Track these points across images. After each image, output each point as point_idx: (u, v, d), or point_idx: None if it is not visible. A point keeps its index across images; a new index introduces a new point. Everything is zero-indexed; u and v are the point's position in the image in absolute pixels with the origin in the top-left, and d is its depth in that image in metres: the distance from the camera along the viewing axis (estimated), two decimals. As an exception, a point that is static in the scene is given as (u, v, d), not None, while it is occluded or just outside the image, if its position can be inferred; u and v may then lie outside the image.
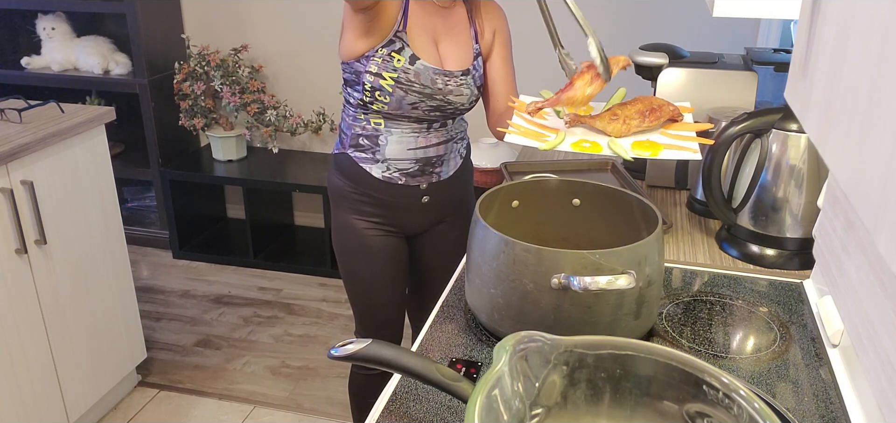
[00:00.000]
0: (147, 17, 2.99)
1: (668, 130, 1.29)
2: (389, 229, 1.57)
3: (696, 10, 2.65)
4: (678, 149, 1.21)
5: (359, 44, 1.40)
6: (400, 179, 1.51)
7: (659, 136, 1.27)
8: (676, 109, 1.31)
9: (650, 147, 1.22)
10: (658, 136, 1.27)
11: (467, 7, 1.51)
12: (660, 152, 1.21)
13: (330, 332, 2.77)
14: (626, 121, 1.25)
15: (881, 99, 0.43)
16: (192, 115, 3.12)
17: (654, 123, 1.27)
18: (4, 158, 1.77)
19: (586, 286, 0.89)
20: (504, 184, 1.16)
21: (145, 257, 3.36)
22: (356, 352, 0.79)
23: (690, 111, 1.35)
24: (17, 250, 1.83)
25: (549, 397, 0.74)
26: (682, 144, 1.23)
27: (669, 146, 1.23)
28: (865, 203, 0.45)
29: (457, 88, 1.46)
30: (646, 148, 1.21)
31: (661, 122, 1.29)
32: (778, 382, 0.96)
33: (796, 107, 0.70)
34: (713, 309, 1.14)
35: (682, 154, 1.20)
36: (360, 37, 1.39)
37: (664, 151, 1.21)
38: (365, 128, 1.49)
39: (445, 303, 1.16)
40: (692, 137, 1.25)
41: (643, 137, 1.27)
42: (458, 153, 1.59)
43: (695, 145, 1.22)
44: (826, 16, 0.60)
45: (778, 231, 1.29)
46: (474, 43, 1.51)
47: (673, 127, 1.30)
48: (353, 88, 1.45)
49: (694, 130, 1.28)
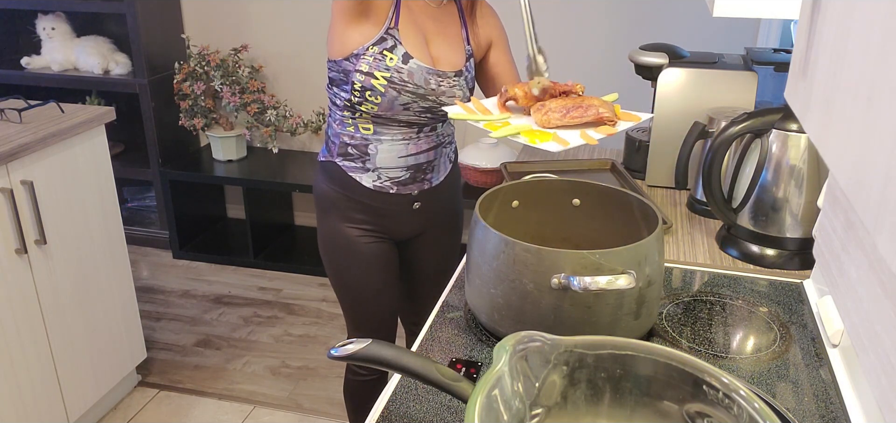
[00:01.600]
0: (147, 17, 2.99)
1: (587, 130, 1.25)
2: (379, 235, 1.54)
3: (696, 10, 2.65)
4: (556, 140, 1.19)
5: (350, 34, 1.35)
6: (391, 188, 1.48)
7: (570, 133, 1.23)
8: (612, 113, 1.26)
9: (532, 135, 1.21)
10: (569, 133, 1.23)
11: (459, 8, 1.49)
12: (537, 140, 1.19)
13: (330, 332, 2.77)
14: (548, 113, 1.24)
15: (881, 99, 0.43)
16: (192, 115, 3.12)
17: (576, 120, 1.24)
18: (4, 158, 1.77)
19: (586, 286, 0.89)
20: (504, 184, 1.16)
21: (145, 257, 3.36)
22: (356, 352, 0.79)
23: (635, 121, 1.29)
24: (17, 250, 1.83)
25: (549, 397, 0.74)
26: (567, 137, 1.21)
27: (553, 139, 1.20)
28: (865, 203, 0.45)
29: (449, 89, 1.43)
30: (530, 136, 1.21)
31: (583, 121, 1.25)
32: (778, 382, 0.96)
33: (796, 107, 0.70)
34: (713, 309, 1.14)
35: (547, 145, 1.18)
36: (351, 23, 1.34)
37: (548, 143, 1.19)
38: (353, 136, 1.45)
39: (445, 303, 1.16)
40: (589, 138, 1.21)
41: (562, 131, 1.24)
42: (448, 158, 1.57)
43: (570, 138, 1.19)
44: (826, 15, 0.60)
45: (778, 231, 1.29)
46: (466, 44, 1.48)
47: (595, 128, 1.25)
48: (340, 87, 1.41)
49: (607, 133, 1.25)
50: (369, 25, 1.36)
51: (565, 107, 1.24)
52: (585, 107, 1.25)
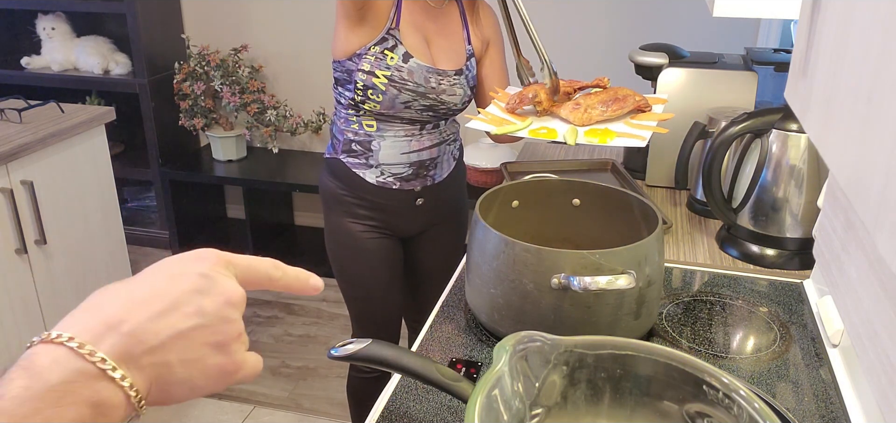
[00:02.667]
0: (147, 17, 2.98)
1: (631, 120, 1.25)
2: (384, 231, 1.56)
3: (696, 10, 2.65)
4: (629, 136, 1.19)
5: (351, 38, 1.38)
6: (394, 183, 1.50)
7: (619, 125, 1.23)
8: (644, 100, 1.27)
9: (601, 135, 1.20)
10: (618, 125, 1.23)
11: (460, 7, 1.51)
12: (609, 140, 1.18)
13: (330, 332, 2.77)
14: (588, 110, 1.23)
15: (881, 98, 0.43)
16: (192, 115, 3.12)
17: (618, 112, 1.24)
18: (4, 158, 1.77)
19: (586, 286, 0.89)
20: (504, 184, 1.16)
21: (145, 257, 3.35)
22: (356, 352, 0.79)
23: (663, 102, 1.30)
24: (17, 250, 1.83)
25: (549, 397, 0.74)
26: (636, 132, 1.20)
27: (622, 134, 1.19)
28: (865, 203, 0.45)
29: (450, 88, 1.45)
30: (596, 135, 1.20)
31: (624, 112, 1.25)
32: (778, 382, 0.96)
33: (796, 107, 0.70)
34: (713, 309, 1.14)
35: (631, 142, 1.17)
36: (352, 29, 1.37)
37: (616, 139, 1.19)
38: (357, 132, 1.48)
39: (445, 303, 1.16)
40: (651, 126, 1.22)
41: (603, 125, 1.24)
42: (452, 155, 1.59)
43: (645, 134, 1.18)
44: (826, 15, 0.60)
45: (778, 231, 1.29)
46: (467, 44, 1.50)
47: (637, 117, 1.26)
48: (344, 87, 1.44)
49: (657, 119, 1.25)
50: (371, 26, 1.38)
51: (604, 102, 1.23)
52: (622, 98, 1.24)
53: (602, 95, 1.25)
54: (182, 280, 0.47)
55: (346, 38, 1.39)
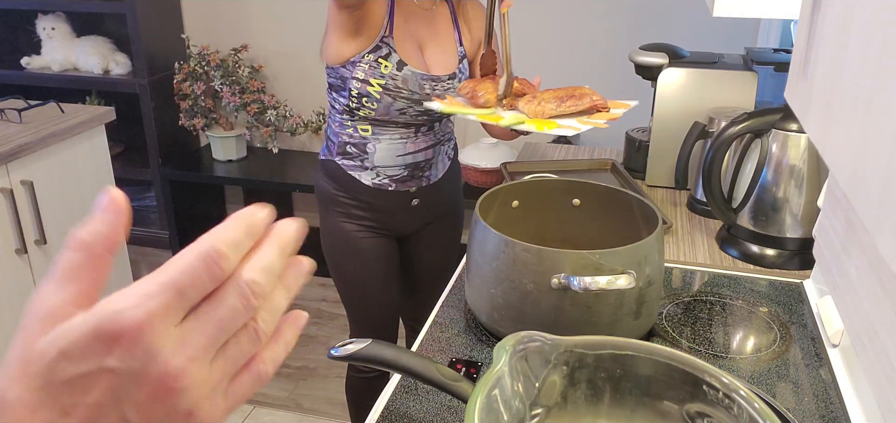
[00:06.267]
0: (147, 17, 2.98)
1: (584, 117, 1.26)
2: (379, 231, 1.56)
3: (696, 10, 2.65)
4: (564, 127, 1.20)
5: (345, 47, 1.39)
6: (390, 185, 1.51)
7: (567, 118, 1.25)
8: (603, 100, 1.28)
9: (539, 123, 1.21)
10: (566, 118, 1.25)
11: (451, 8, 1.51)
12: (546, 129, 1.19)
13: (330, 332, 2.77)
14: (542, 103, 1.24)
15: (881, 99, 0.43)
16: (192, 115, 3.12)
17: (571, 109, 1.25)
18: (4, 158, 1.77)
19: (586, 286, 0.89)
20: (504, 184, 1.16)
21: (145, 257, 3.35)
22: (356, 352, 0.79)
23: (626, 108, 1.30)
24: (17, 250, 1.83)
25: (549, 397, 0.74)
26: (573, 124, 1.21)
27: (561, 126, 1.21)
28: (865, 203, 0.45)
29: (443, 93, 1.45)
30: (535, 123, 1.21)
31: (579, 109, 1.26)
32: (778, 382, 0.96)
33: (796, 107, 0.70)
34: (713, 309, 1.14)
35: (564, 131, 1.18)
36: (346, 38, 1.38)
37: (555, 130, 1.19)
38: (352, 135, 1.48)
39: (445, 303, 1.16)
40: (594, 122, 1.22)
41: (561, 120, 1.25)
42: (446, 155, 1.59)
43: (581, 126, 1.20)
44: (826, 16, 0.60)
45: (778, 231, 1.29)
46: (459, 45, 1.51)
47: (593, 116, 1.26)
48: (338, 93, 1.45)
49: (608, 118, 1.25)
50: (365, 35, 1.39)
51: (559, 97, 1.25)
52: (579, 96, 1.26)
53: (559, 90, 1.27)
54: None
55: (340, 46, 1.39)
